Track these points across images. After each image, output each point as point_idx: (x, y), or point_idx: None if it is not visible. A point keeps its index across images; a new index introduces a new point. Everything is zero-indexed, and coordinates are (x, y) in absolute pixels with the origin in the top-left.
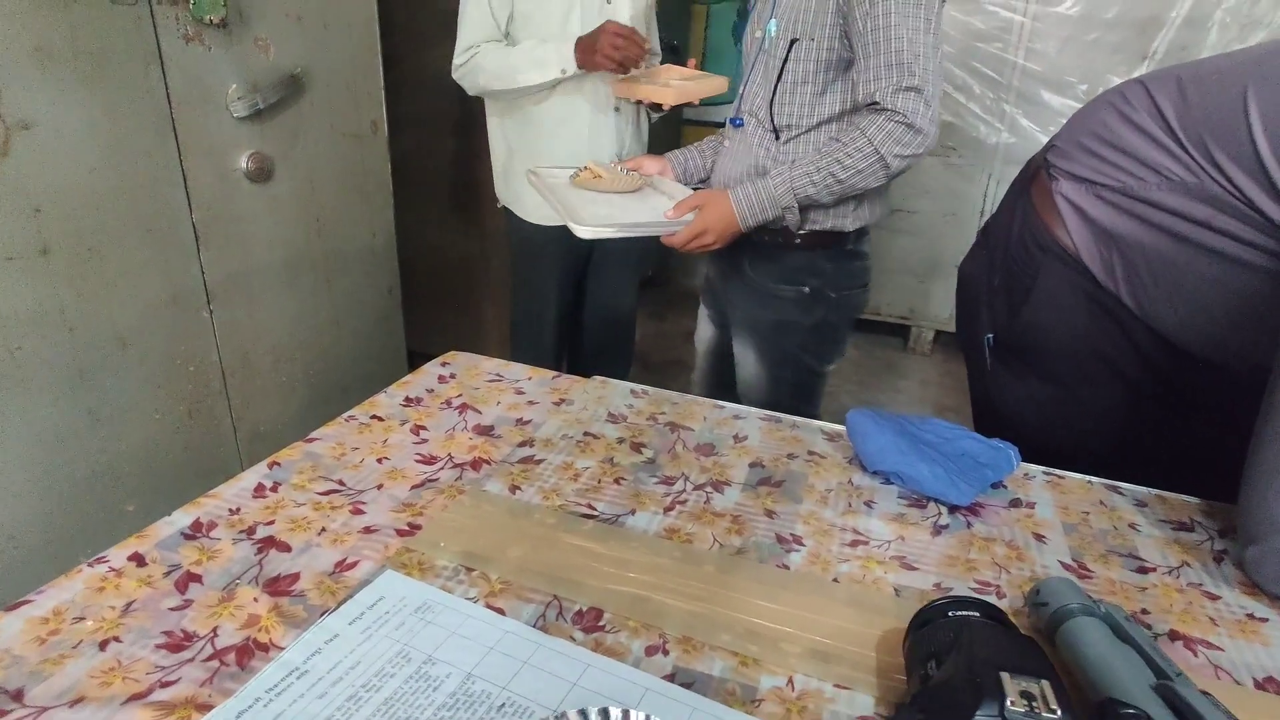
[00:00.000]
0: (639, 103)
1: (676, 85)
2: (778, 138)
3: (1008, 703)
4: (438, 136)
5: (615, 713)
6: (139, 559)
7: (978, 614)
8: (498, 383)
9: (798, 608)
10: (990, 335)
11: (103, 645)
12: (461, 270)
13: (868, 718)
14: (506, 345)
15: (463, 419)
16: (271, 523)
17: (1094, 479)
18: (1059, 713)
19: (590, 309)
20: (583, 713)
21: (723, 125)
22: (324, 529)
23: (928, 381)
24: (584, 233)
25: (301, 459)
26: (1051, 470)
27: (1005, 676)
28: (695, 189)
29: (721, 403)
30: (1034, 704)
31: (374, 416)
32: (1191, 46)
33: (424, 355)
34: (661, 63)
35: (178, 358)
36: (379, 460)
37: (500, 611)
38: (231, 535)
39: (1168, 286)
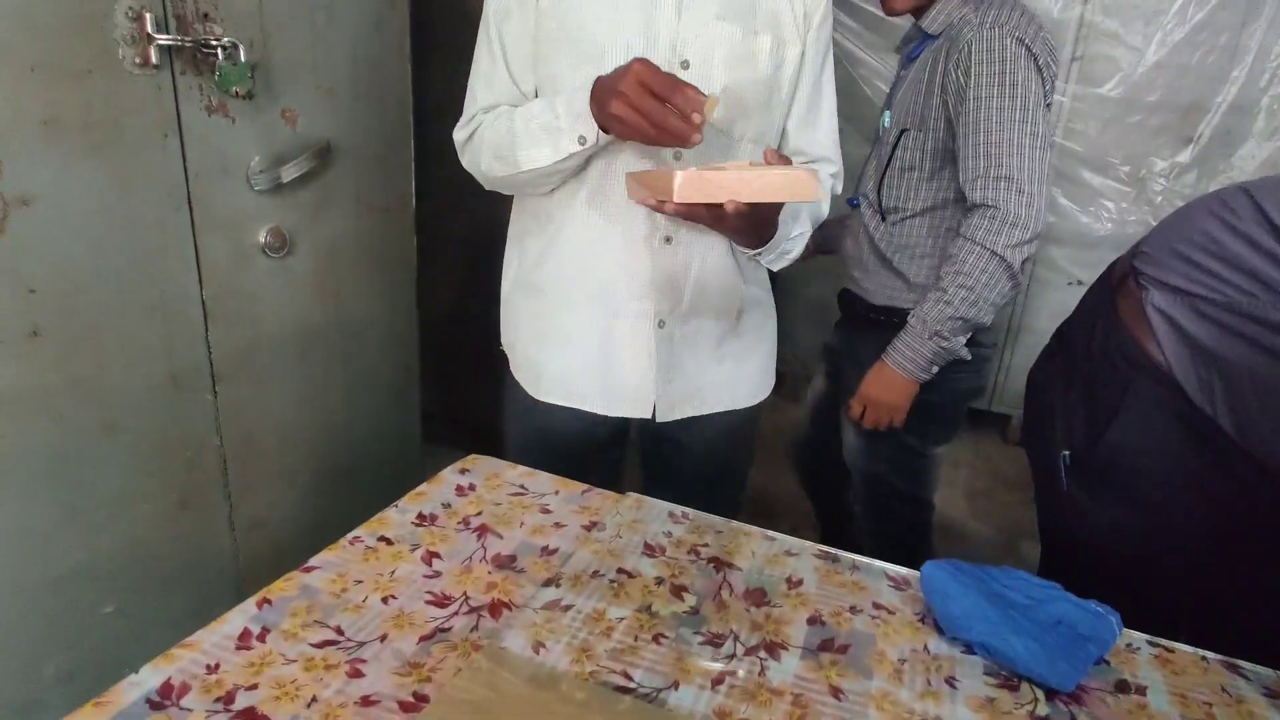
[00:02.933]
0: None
1: (716, 176)
2: (884, 219)
3: None
4: (461, 200)
5: None
6: None
7: None
8: (521, 497)
9: None
10: (1066, 453)
11: None
12: (481, 333)
13: None
14: None
15: (481, 545)
16: (254, 687)
17: (1209, 655)
18: None
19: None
20: None
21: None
22: (315, 699)
23: (959, 462)
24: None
25: (297, 596)
26: (1158, 641)
27: None
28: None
29: (772, 534)
30: None
31: (381, 538)
32: (1236, 131)
33: (439, 419)
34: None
35: (174, 443)
36: (384, 600)
37: None
38: (205, 705)
39: (1278, 415)
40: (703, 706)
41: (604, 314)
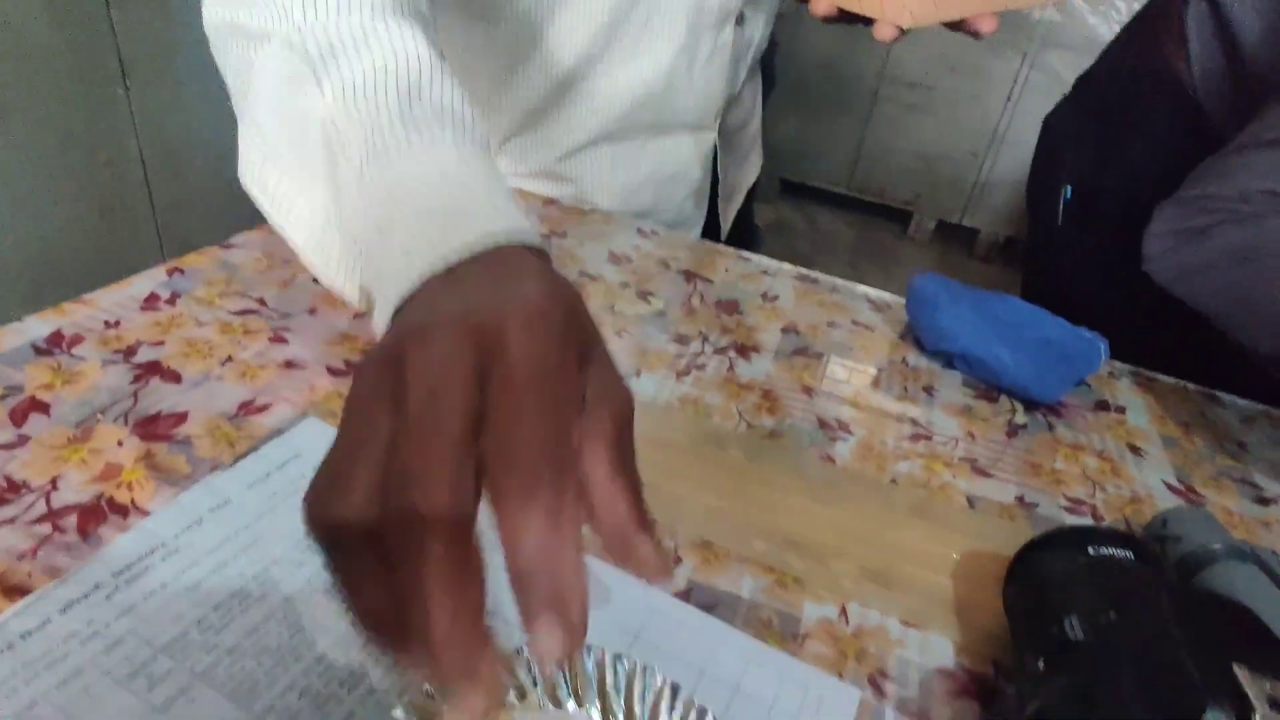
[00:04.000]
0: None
1: None
2: None
3: (1256, 719)
4: None
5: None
6: None
7: (1131, 555)
8: None
9: (850, 514)
10: (1069, 188)
11: None
12: None
13: (948, 670)
14: None
15: None
16: (160, 343)
17: (1190, 384)
18: None
19: None
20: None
21: None
22: (230, 358)
23: (924, 269)
24: None
25: (213, 268)
26: (1140, 370)
27: (1242, 673)
28: None
29: (747, 254)
30: None
31: None
32: None
33: None
34: None
35: (85, 143)
36: (316, 280)
37: None
38: (102, 355)
39: None
40: (666, 395)
41: (657, 131)
